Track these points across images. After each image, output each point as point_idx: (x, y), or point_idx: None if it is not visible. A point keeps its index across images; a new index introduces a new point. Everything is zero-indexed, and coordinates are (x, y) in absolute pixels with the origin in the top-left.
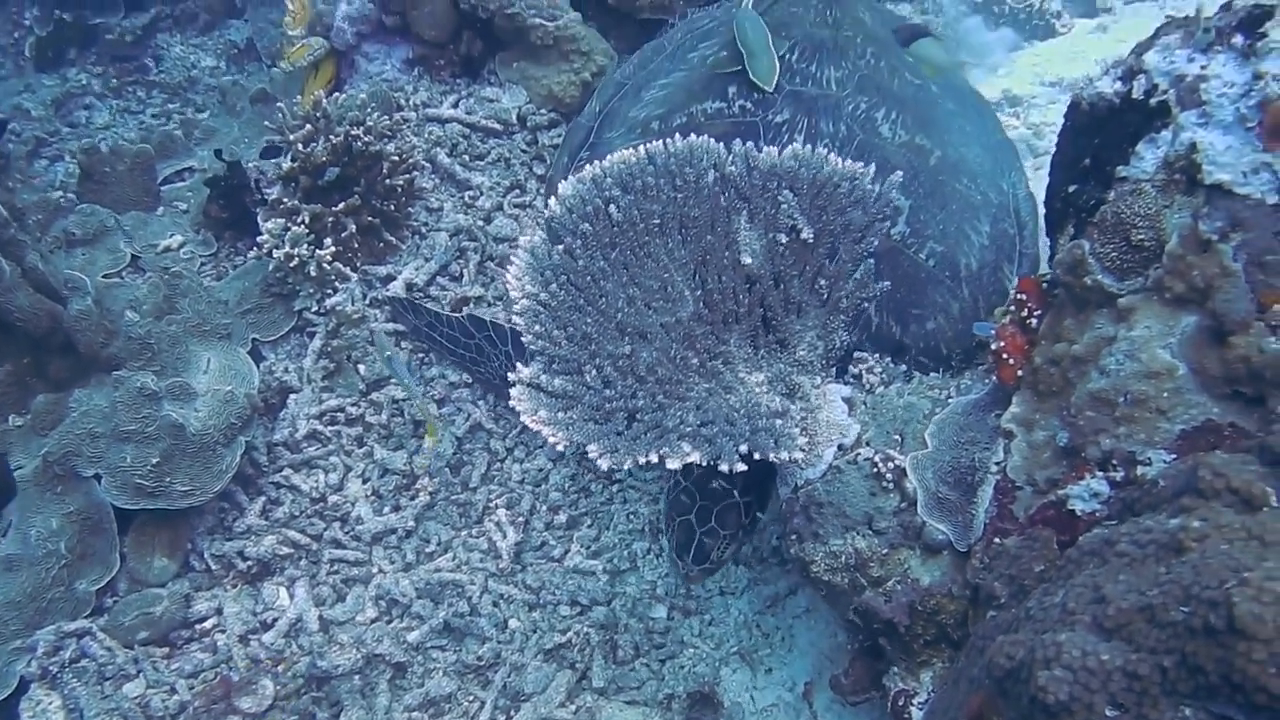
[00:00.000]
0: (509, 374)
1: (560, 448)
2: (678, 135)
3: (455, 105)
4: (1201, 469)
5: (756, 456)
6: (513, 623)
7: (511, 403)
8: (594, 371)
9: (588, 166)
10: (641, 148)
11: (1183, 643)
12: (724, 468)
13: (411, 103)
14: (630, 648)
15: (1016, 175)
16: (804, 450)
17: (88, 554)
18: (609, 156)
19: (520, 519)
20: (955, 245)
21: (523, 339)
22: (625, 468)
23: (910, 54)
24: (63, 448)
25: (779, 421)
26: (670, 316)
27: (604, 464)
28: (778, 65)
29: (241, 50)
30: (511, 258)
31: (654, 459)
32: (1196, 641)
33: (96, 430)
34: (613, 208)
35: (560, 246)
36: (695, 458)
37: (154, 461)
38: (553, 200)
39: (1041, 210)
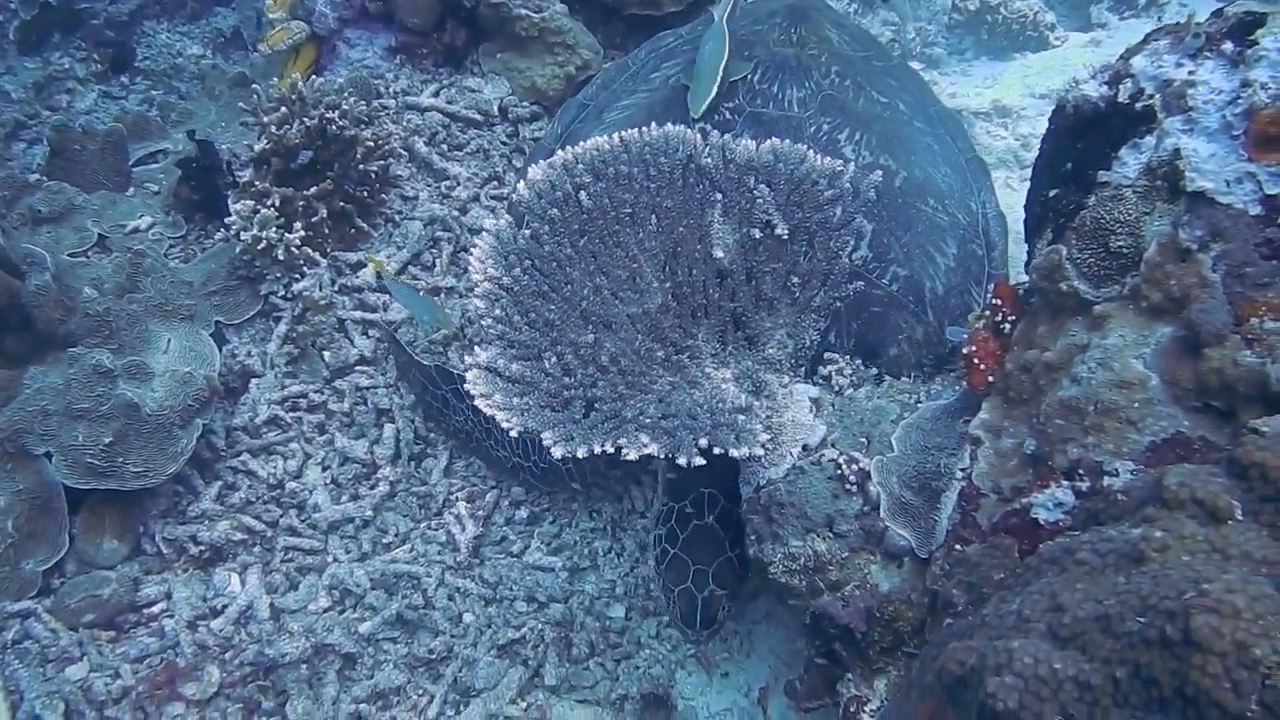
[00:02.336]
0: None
1: (514, 433)
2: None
3: (436, 94)
4: (1167, 479)
5: (716, 451)
6: (467, 617)
7: (467, 386)
8: (554, 359)
9: (559, 152)
10: (616, 135)
11: (1137, 654)
12: (682, 461)
13: (391, 90)
14: (585, 646)
15: (987, 195)
16: (765, 447)
17: (36, 533)
18: (582, 143)
19: (481, 513)
20: (920, 269)
21: (482, 321)
22: (579, 455)
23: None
24: (13, 425)
25: (741, 417)
26: (637, 307)
27: (558, 451)
28: (713, 94)
29: (228, 39)
30: (476, 240)
31: (609, 448)
32: (1152, 653)
33: (49, 408)
34: (583, 194)
35: (527, 231)
36: (653, 449)
37: (107, 441)
38: (521, 184)
39: (1021, 216)
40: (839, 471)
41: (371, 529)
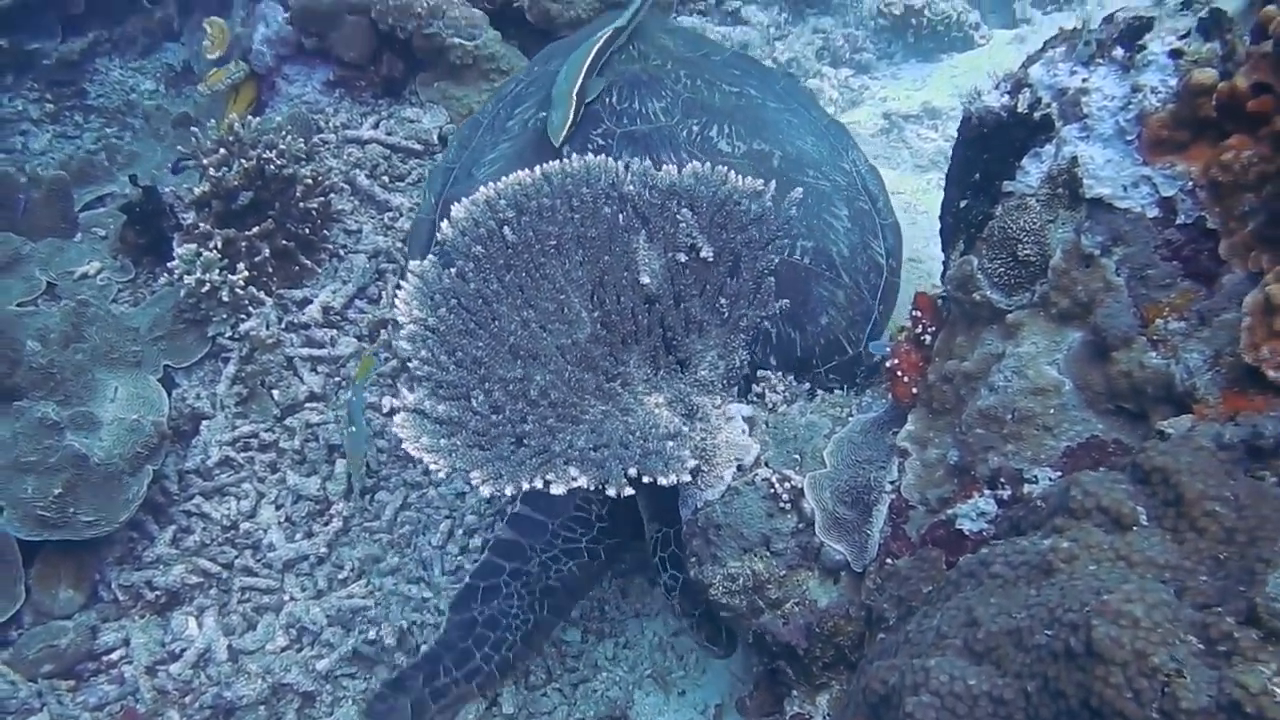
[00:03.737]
0: None
1: (442, 474)
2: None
3: (375, 126)
4: (1073, 488)
5: (645, 480)
6: (425, 649)
7: (394, 429)
8: (482, 396)
9: (481, 189)
10: (539, 168)
11: (1046, 667)
12: (611, 492)
13: (331, 124)
14: (542, 672)
15: (855, 153)
16: (698, 472)
17: None
18: (504, 179)
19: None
20: (823, 236)
21: (409, 364)
22: (508, 494)
23: None
24: None
25: (670, 444)
26: (566, 338)
27: (485, 490)
28: (570, 119)
29: (179, 73)
30: (400, 282)
31: (539, 484)
32: (1058, 665)
33: None
34: (507, 229)
35: (452, 270)
36: (582, 481)
37: (56, 492)
38: (445, 224)
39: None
40: (773, 490)
41: (327, 565)
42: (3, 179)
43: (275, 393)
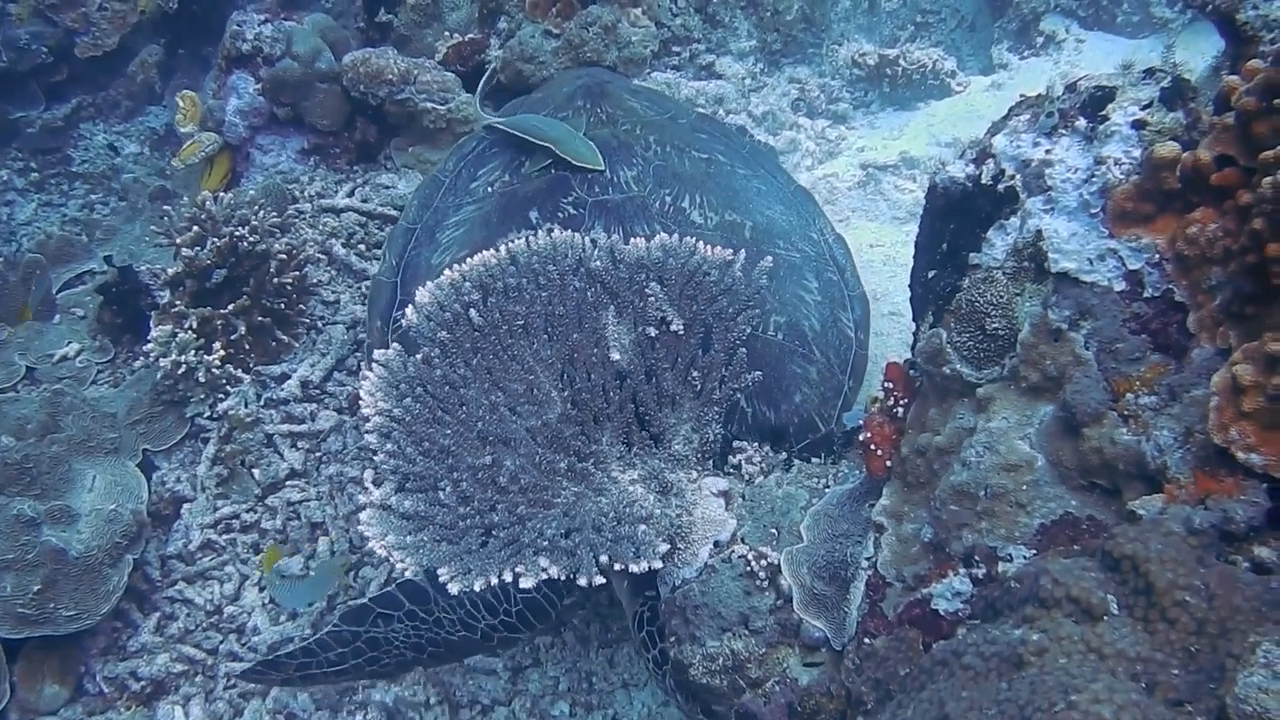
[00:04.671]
0: None
1: (409, 574)
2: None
3: (351, 194)
4: (1042, 577)
5: (617, 567)
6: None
7: (360, 527)
8: (450, 487)
9: (446, 272)
10: (504, 247)
11: None
12: (582, 581)
13: (306, 194)
14: None
15: (822, 221)
16: (670, 555)
17: None
18: (469, 260)
19: None
20: (795, 310)
21: (375, 458)
22: (477, 589)
23: None
24: None
25: (641, 528)
26: (536, 420)
27: (454, 588)
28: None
29: (161, 136)
30: (365, 373)
31: (508, 577)
32: None
33: None
34: (473, 312)
35: (417, 356)
36: (553, 572)
37: (35, 589)
38: (410, 310)
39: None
40: (749, 568)
41: None
42: None
43: (256, 471)
